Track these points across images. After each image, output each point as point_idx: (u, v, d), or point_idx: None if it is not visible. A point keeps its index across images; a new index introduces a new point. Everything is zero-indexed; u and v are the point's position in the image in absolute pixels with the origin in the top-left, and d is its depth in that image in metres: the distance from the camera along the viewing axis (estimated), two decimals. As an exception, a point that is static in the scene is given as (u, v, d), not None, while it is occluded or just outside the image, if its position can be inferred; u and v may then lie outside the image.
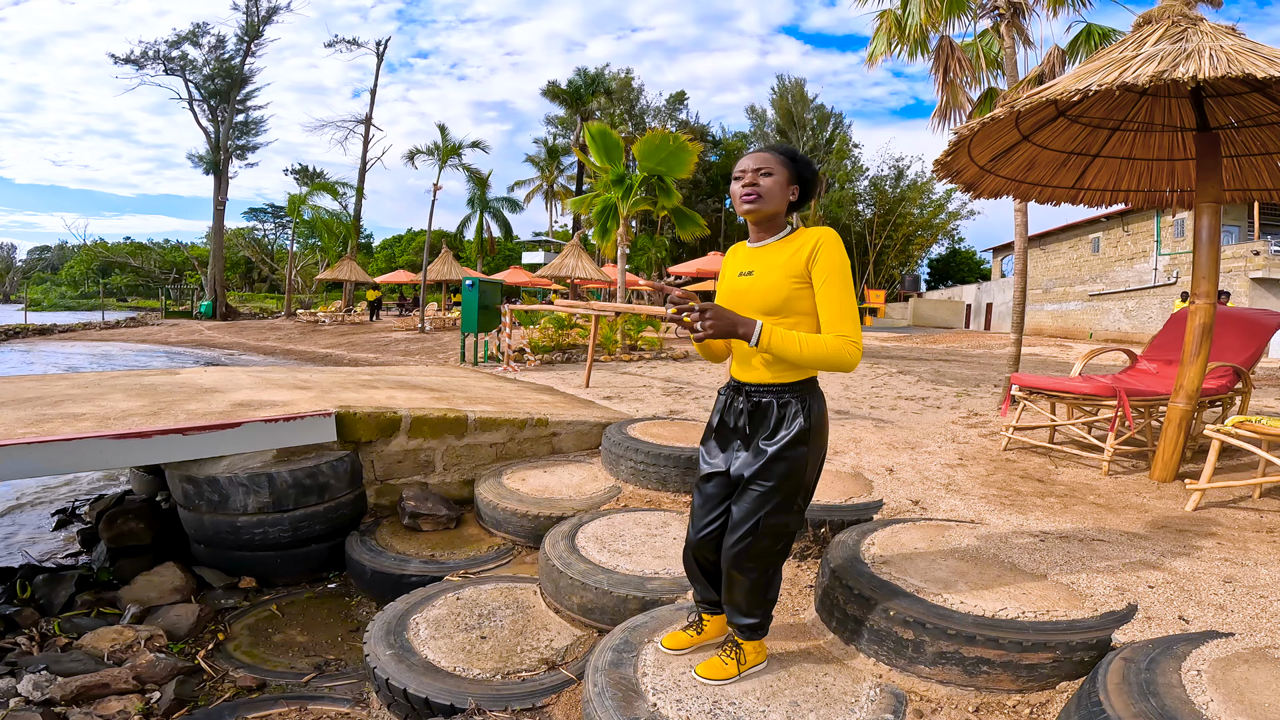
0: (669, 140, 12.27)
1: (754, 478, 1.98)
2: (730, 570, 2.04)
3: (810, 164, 2.07)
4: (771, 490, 1.96)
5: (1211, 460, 3.61)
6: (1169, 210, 5.46)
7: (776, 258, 1.99)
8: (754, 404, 2.03)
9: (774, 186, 1.99)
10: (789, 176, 2.01)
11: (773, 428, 1.98)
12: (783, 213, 2.04)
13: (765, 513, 1.97)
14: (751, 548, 1.99)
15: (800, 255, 1.94)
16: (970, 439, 5.37)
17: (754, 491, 1.98)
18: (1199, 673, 1.85)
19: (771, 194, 1.99)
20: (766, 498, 1.97)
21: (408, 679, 2.60)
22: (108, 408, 4.43)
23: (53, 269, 72.10)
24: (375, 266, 47.86)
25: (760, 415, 2.02)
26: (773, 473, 1.96)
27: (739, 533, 1.99)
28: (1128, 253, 25.24)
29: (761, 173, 1.99)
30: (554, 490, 4.37)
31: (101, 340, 24.41)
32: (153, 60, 33.70)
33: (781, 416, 1.98)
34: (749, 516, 1.98)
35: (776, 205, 2.00)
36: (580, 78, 41.65)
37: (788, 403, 1.98)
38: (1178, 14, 3.64)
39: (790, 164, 2.02)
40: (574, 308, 10.26)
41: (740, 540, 1.99)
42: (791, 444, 1.96)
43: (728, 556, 2.03)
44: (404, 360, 14.79)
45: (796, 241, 1.98)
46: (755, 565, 2.02)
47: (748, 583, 2.05)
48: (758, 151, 2.03)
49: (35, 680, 2.76)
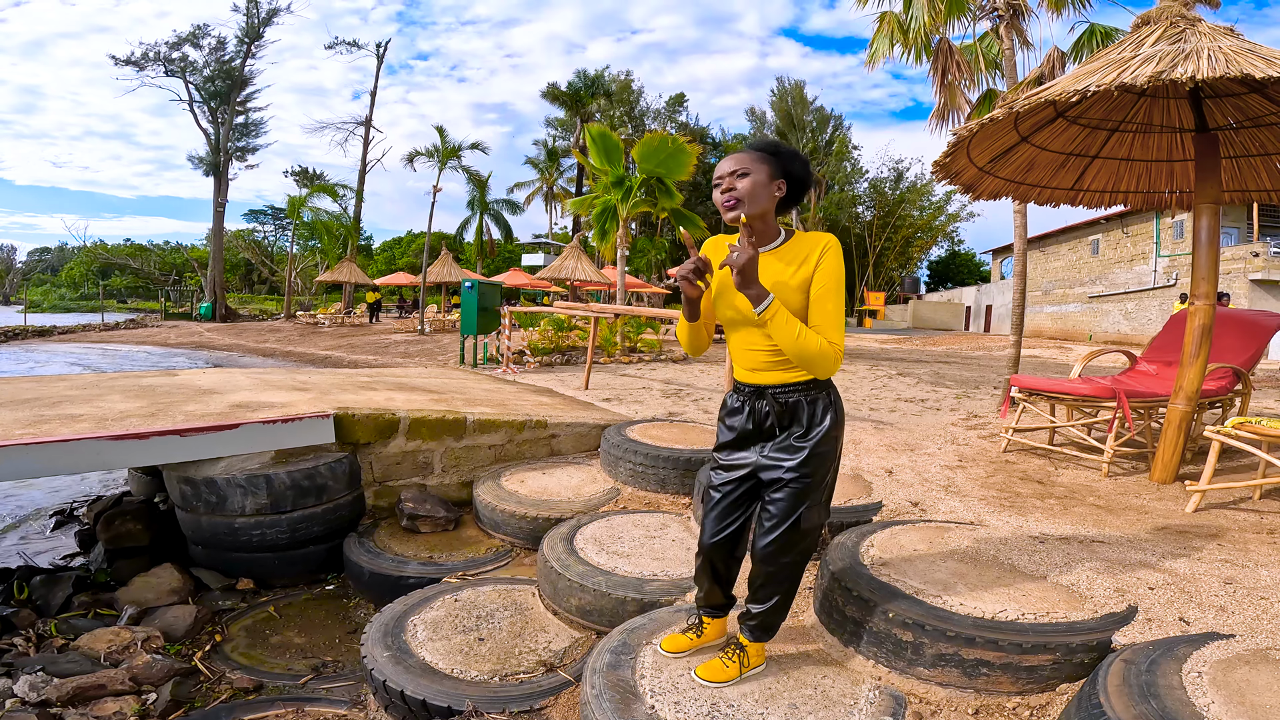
0: (667, 142, 12.26)
1: (794, 475, 1.98)
2: (767, 567, 2.05)
3: (796, 155, 1.99)
4: (811, 485, 1.98)
5: (1211, 461, 3.60)
6: (1168, 212, 5.45)
7: (780, 263, 1.95)
8: (782, 405, 2.01)
9: (752, 186, 1.90)
10: (770, 173, 1.92)
11: (807, 424, 1.99)
12: (771, 212, 1.97)
13: (806, 507, 1.99)
14: (790, 541, 2.00)
15: (809, 264, 1.91)
16: (970, 441, 5.36)
17: (794, 488, 1.98)
18: (1200, 674, 1.84)
19: (751, 195, 1.89)
20: (806, 493, 1.98)
21: (405, 681, 2.59)
22: (106, 409, 4.43)
23: (52, 270, 72.20)
24: (375, 268, 47.88)
25: (790, 414, 2.01)
26: (810, 467, 1.97)
27: (780, 529, 1.99)
28: (1127, 254, 25.26)
29: (738, 174, 1.91)
30: (553, 492, 4.36)
31: (101, 342, 24.40)
32: (153, 62, 33.71)
33: (813, 413, 1.99)
34: (790, 512, 1.98)
35: (760, 206, 1.91)
36: (580, 80, 41.73)
37: (816, 399, 1.99)
38: (1176, 15, 3.64)
39: (771, 159, 1.94)
40: (573, 310, 10.26)
41: (781, 536, 1.99)
42: (826, 438, 1.98)
43: (766, 553, 2.03)
44: (403, 362, 14.78)
45: (799, 248, 1.94)
46: (793, 559, 2.04)
47: (784, 578, 2.07)
48: (735, 153, 1.97)
49: (31, 681, 2.74)
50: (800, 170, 1.98)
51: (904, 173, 40.65)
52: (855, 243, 41.12)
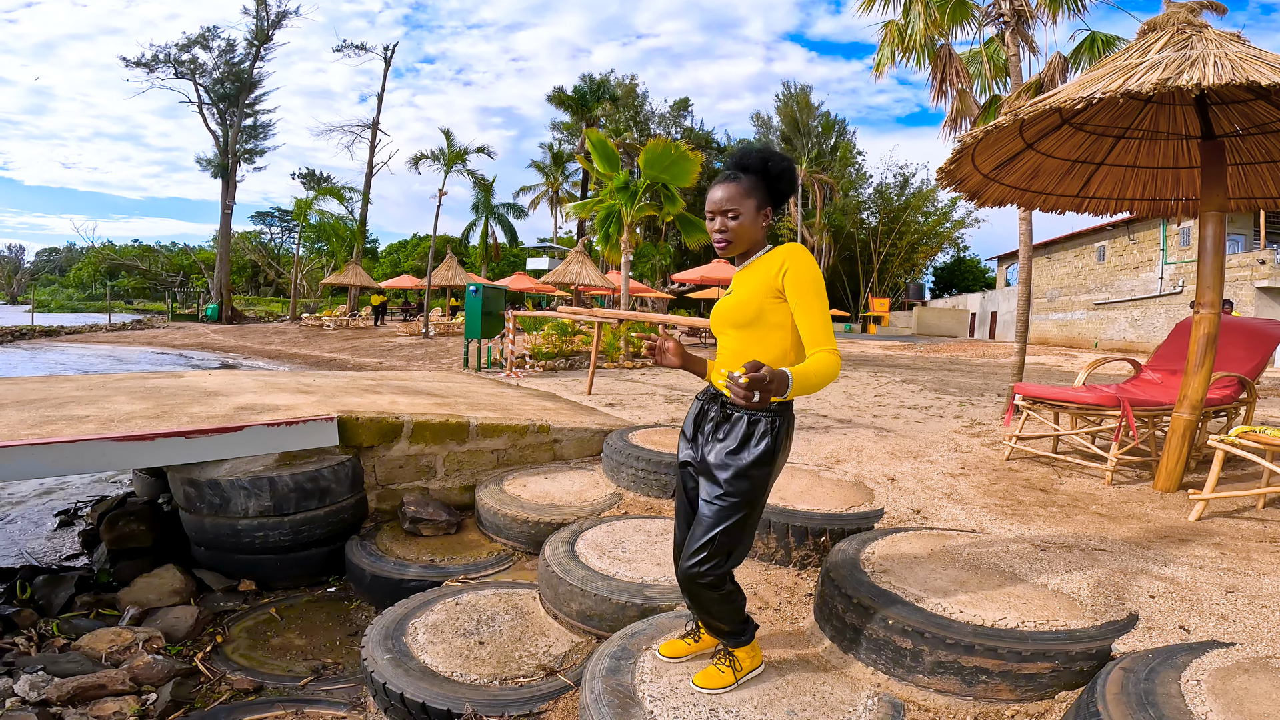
0: (670, 150, 12.27)
1: (718, 491, 1.97)
2: (689, 585, 2.02)
3: (780, 165, 2.03)
4: (732, 506, 1.95)
5: (1215, 470, 3.59)
6: (1174, 219, 5.44)
7: (753, 276, 2.02)
8: (724, 415, 2.03)
9: (742, 227, 2.00)
10: (758, 202, 2.01)
11: (739, 443, 1.97)
12: (760, 239, 2.06)
13: (722, 529, 1.95)
14: (705, 560, 1.96)
15: (771, 271, 1.96)
16: (973, 448, 5.35)
17: (716, 505, 1.97)
18: (1198, 683, 1.83)
19: (741, 235, 2.01)
20: (727, 512, 1.95)
21: (405, 683, 2.59)
22: (112, 410, 4.45)
23: (60, 271, 72.56)
24: (380, 271, 47.98)
25: (728, 426, 2.01)
26: (734, 486, 1.95)
27: (695, 546, 1.97)
28: (1133, 261, 25.16)
29: (730, 216, 2.00)
30: (555, 497, 4.36)
31: (107, 342, 24.51)
32: (163, 64, 33.91)
33: (749, 434, 1.97)
34: (708, 530, 1.96)
35: (750, 239, 2.03)
36: (585, 84, 41.79)
37: (758, 420, 1.97)
38: (1182, 21, 3.64)
39: (757, 187, 2.00)
40: (577, 314, 10.27)
41: (696, 553, 1.97)
42: (756, 464, 1.95)
43: (684, 572, 2.00)
44: (407, 365, 14.81)
45: (769, 257, 2.01)
46: (710, 577, 1.98)
47: (710, 596, 2.03)
48: (725, 181, 2.02)
49: (32, 681, 2.76)
50: (786, 186, 2.05)
51: (909, 178, 40.62)
52: (860, 248, 41.09)
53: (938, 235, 42.16)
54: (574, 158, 38.06)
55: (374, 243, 57.67)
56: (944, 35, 8.88)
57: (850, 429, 6.07)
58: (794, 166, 2.11)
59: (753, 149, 2.05)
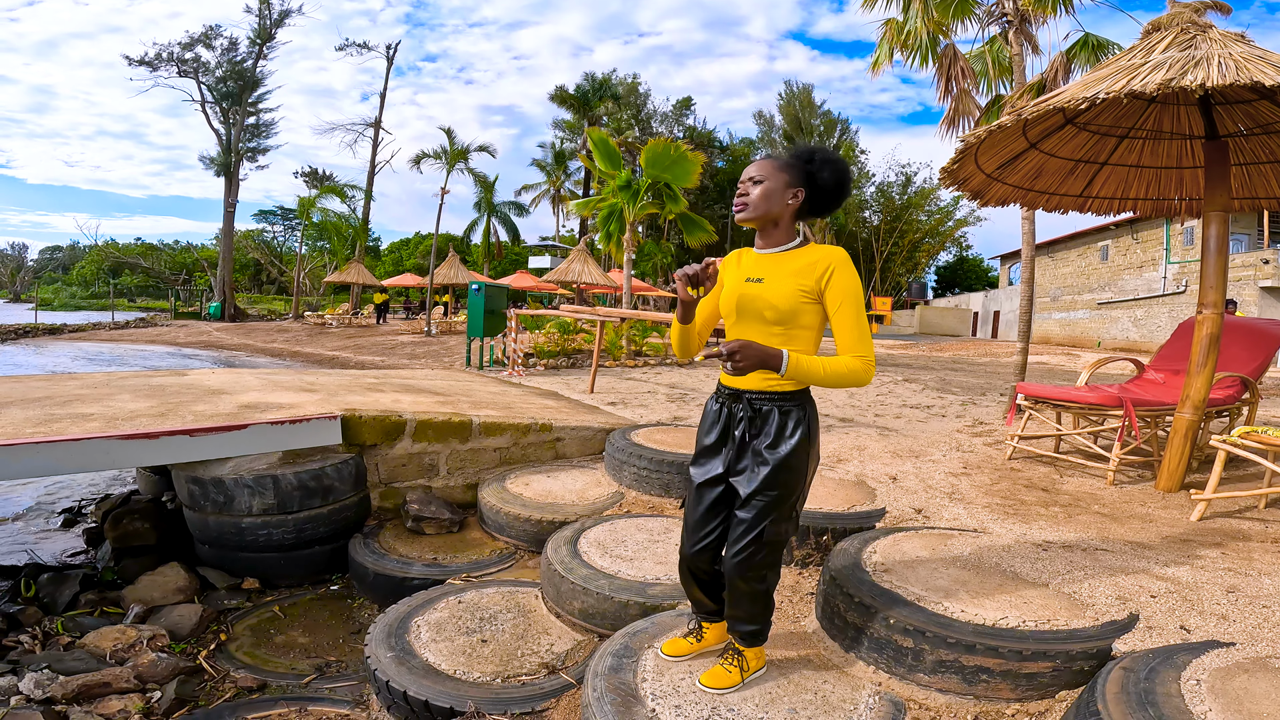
0: (671, 149, 12.28)
1: (759, 488, 1.96)
2: (735, 580, 2.03)
3: (828, 163, 2.00)
4: (776, 500, 1.96)
5: (1217, 470, 3.59)
6: (1178, 218, 5.44)
7: (787, 268, 1.97)
8: (754, 410, 2.01)
9: (762, 194, 1.97)
10: (788, 180, 1.98)
11: (774, 436, 1.97)
12: (784, 218, 2.01)
13: (770, 522, 1.97)
14: (754, 556, 1.98)
15: (813, 272, 1.93)
16: (975, 448, 5.35)
17: (759, 502, 1.97)
18: (1198, 682, 1.84)
19: (759, 202, 1.98)
20: (771, 507, 1.96)
21: (408, 681, 2.60)
22: (116, 408, 4.47)
23: (64, 269, 72.62)
24: (383, 269, 48.01)
25: (760, 422, 2.00)
26: (777, 482, 1.95)
27: (743, 542, 1.98)
28: (1137, 261, 25.12)
29: (753, 181, 1.99)
30: (557, 495, 4.38)
31: (111, 340, 24.57)
32: (166, 62, 33.93)
33: (783, 425, 1.97)
34: (753, 526, 1.97)
35: (768, 211, 1.99)
36: (587, 82, 41.78)
37: (789, 411, 1.98)
38: (1187, 21, 3.64)
39: (791, 168, 1.99)
40: (579, 313, 10.28)
41: (744, 550, 1.98)
42: (795, 453, 1.96)
43: (731, 567, 2.01)
44: (410, 363, 14.83)
45: (808, 256, 1.97)
46: (758, 574, 2.01)
47: (752, 591, 2.04)
48: (762, 159, 2.03)
49: (37, 679, 2.77)
50: (829, 178, 2.00)
51: (911, 177, 40.55)
52: (862, 248, 41.03)
53: (940, 234, 42.10)
54: (576, 156, 38.04)
55: (376, 241, 57.76)
56: (944, 33, 8.87)
57: (852, 428, 6.07)
58: (845, 166, 2.05)
59: (811, 145, 2.06)
